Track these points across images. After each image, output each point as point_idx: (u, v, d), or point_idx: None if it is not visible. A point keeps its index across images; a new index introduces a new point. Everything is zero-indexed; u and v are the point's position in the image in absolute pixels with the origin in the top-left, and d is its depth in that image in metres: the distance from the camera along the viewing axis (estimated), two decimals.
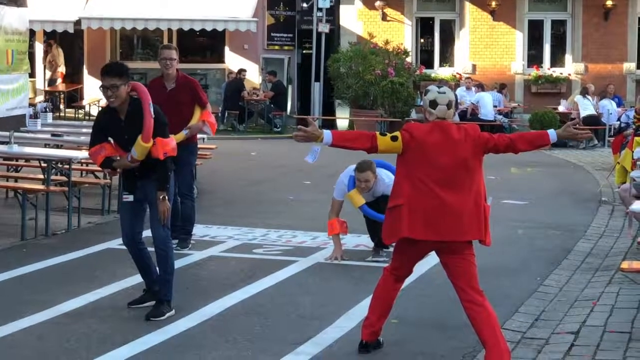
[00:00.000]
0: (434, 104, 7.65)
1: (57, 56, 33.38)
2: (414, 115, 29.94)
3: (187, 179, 12.47)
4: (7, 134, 15.53)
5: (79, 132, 18.43)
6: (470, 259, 7.63)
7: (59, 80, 33.47)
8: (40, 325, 8.83)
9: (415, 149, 7.54)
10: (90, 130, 10.48)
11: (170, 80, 11.98)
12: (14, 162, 15.96)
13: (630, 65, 31.38)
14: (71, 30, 31.93)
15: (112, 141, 9.14)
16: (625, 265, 10.00)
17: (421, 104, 25.90)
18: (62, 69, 33.58)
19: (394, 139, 7.60)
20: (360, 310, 9.26)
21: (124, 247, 11.62)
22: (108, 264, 11.42)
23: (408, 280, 8.27)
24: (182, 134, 11.67)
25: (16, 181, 14.88)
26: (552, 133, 8.14)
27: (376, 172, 11.26)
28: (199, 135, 13.42)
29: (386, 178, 11.22)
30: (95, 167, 14.87)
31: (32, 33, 27.49)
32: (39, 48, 32.78)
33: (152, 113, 8.82)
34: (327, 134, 7.80)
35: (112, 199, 15.09)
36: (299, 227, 13.72)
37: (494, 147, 7.75)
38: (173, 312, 9.09)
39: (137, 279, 10.55)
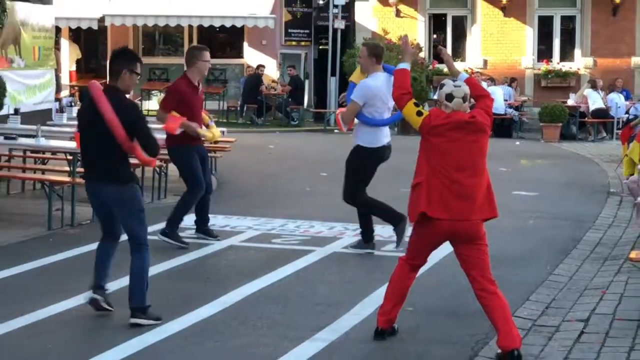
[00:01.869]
0: (450, 97, 7.74)
1: (59, 57, 33.41)
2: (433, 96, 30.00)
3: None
4: (34, 127, 15.57)
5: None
6: (483, 249, 7.71)
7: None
8: (66, 313, 8.87)
9: (435, 135, 7.70)
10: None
11: (200, 82, 12.34)
12: (40, 155, 16.01)
13: (638, 60, 31.28)
14: (95, 27, 32.01)
15: None
16: (633, 254, 9.99)
17: (434, 97, 26.01)
18: (72, 67, 33.62)
19: (419, 114, 7.86)
20: (376, 298, 9.27)
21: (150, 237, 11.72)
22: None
23: (422, 270, 8.26)
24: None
25: (43, 173, 14.93)
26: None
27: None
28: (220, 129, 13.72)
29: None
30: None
31: (57, 30, 27.52)
32: (65, 44, 32.79)
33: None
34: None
35: (152, 189, 15.21)
36: (316, 217, 13.73)
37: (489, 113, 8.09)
38: None
39: (160, 267, 10.63)
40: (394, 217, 11.25)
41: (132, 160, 8.99)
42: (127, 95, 8.96)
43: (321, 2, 32.65)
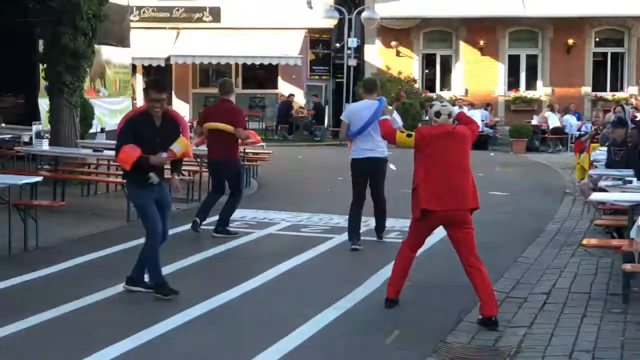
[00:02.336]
0: (438, 114, 7.93)
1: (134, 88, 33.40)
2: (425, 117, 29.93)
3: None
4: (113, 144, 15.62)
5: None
6: (470, 232, 7.77)
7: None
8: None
9: (426, 146, 7.81)
10: None
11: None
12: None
13: (587, 89, 31.22)
14: (163, 65, 32.10)
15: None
16: (585, 242, 9.93)
17: (426, 118, 25.90)
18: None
19: (409, 136, 8.06)
20: (383, 274, 9.26)
21: (203, 227, 11.76)
22: (191, 239, 11.47)
23: (420, 252, 8.26)
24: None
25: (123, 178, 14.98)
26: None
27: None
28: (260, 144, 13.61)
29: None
30: (183, 167, 14.95)
31: (134, 67, 27.62)
32: (139, 78, 32.92)
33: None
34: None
35: (193, 191, 15.15)
36: (335, 212, 13.66)
37: (474, 133, 8.25)
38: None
39: (215, 250, 10.66)
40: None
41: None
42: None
43: (338, 45, 32.60)
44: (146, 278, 8.48)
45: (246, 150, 17.66)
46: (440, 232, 8.36)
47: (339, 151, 27.47)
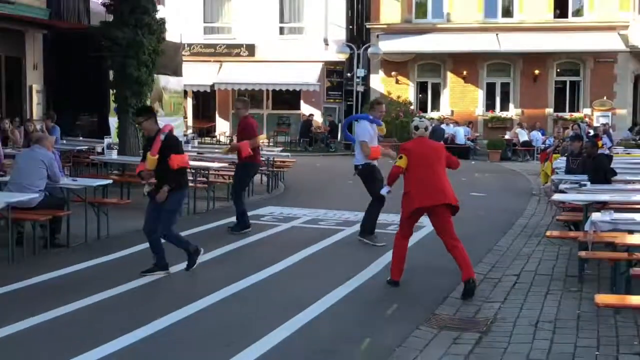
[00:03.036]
0: (417, 127, 8.20)
1: (186, 109, 33.62)
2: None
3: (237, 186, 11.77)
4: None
5: (212, 152, 18.53)
6: (449, 220, 7.96)
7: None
8: (197, 268, 8.92)
9: (411, 156, 7.93)
10: (217, 153, 10.76)
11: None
12: None
13: (549, 110, 31.05)
14: (208, 91, 32.20)
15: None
16: (548, 233, 9.92)
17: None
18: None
19: (401, 157, 8.03)
20: (385, 259, 9.26)
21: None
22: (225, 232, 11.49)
23: (412, 242, 8.27)
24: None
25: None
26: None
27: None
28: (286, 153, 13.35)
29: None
30: (224, 172, 15.02)
31: (185, 92, 27.72)
32: (190, 101, 33.01)
33: (162, 138, 8.45)
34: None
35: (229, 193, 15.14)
36: (346, 208, 13.67)
37: (447, 158, 8.21)
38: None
39: (249, 239, 10.62)
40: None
41: None
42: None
43: (349, 74, 32.53)
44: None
45: (274, 160, 17.74)
46: (429, 227, 8.33)
47: (350, 160, 27.51)
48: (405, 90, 31.66)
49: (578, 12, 30.82)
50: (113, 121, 18.25)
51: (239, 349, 5.97)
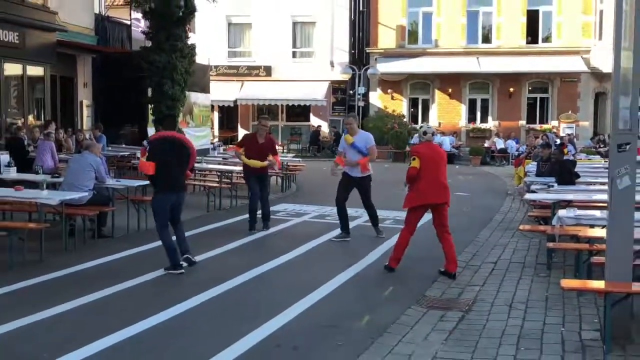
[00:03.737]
0: (425, 133, 8.16)
1: (212, 121, 33.56)
2: (415, 139, 29.85)
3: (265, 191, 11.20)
4: (199, 158, 15.75)
5: (235, 159, 18.51)
6: (445, 214, 7.98)
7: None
8: (213, 258, 8.92)
9: (422, 158, 7.86)
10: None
11: (261, 137, 10.92)
12: (205, 172, 16.06)
13: (522, 122, 31.00)
14: (232, 105, 32.23)
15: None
16: (521, 227, 9.90)
17: (412, 142, 25.64)
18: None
19: (414, 159, 7.92)
20: (382, 249, 9.27)
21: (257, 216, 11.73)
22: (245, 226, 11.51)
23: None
24: (264, 163, 10.73)
25: (204, 182, 15.05)
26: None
27: (357, 123, 10.48)
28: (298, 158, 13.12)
29: (364, 134, 10.36)
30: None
31: (212, 107, 27.76)
32: (216, 114, 33.02)
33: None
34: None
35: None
36: (348, 206, 13.67)
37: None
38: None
39: (267, 232, 10.58)
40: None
41: None
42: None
43: (351, 92, 32.49)
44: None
45: (288, 164, 17.76)
46: (421, 222, 8.29)
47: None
48: (400, 105, 31.63)
49: (547, 39, 30.78)
50: (151, 131, 18.30)
51: (262, 322, 6.00)
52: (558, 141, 20.80)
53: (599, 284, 5.66)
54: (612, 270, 5.50)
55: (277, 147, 11.36)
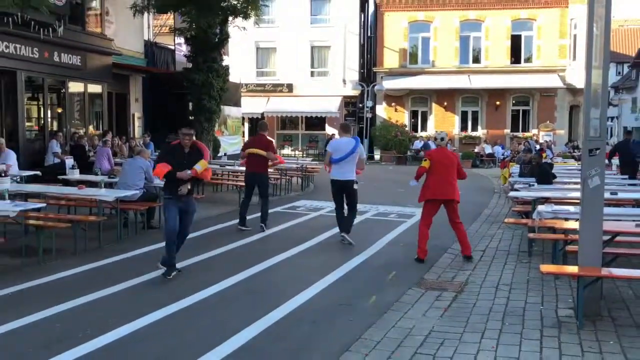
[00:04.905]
0: (442, 139, 8.30)
1: (243, 131, 33.63)
2: (417, 144, 29.70)
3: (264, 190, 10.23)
4: (232, 162, 15.80)
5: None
6: (455, 208, 7.96)
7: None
8: (244, 245, 8.91)
9: (433, 160, 7.85)
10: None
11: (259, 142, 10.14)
12: (237, 173, 15.90)
13: (507, 131, 30.76)
14: (259, 117, 32.08)
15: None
16: (506, 220, 9.86)
17: (413, 148, 25.45)
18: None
19: (426, 160, 7.92)
20: (387, 238, 9.19)
21: (287, 210, 11.71)
22: (277, 219, 11.43)
23: (408, 226, 8.18)
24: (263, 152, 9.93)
25: (236, 182, 15.02)
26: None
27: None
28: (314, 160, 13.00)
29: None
30: (274, 175, 15.00)
31: (243, 118, 27.82)
32: (246, 125, 33.05)
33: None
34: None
35: (280, 188, 15.17)
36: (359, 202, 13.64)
37: (458, 166, 8.04)
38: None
39: (286, 224, 10.52)
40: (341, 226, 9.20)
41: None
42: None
43: (360, 105, 32.44)
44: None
45: (306, 166, 17.73)
46: (418, 216, 8.24)
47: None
48: (402, 116, 31.51)
49: (528, 59, 30.52)
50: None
51: (286, 299, 6.03)
52: (538, 147, 20.64)
53: (573, 269, 5.62)
54: (584, 257, 5.46)
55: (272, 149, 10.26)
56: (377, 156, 31.27)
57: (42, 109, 15.96)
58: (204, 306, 5.88)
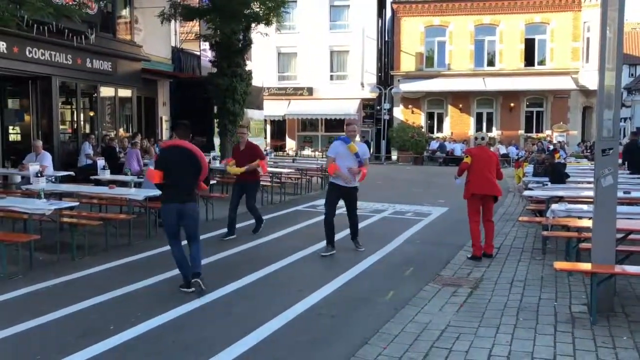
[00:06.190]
0: (483, 138, 8.14)
1: (265, 132, 33.72)
2: (433, 145, 29.53)
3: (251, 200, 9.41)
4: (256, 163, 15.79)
5: (283, 162, 18.57)
6: (491, 206, 7.82)
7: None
8: (267, 242, 8.93)
9: (474, 157, 7.75)
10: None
11: (243, 144, 9.29)
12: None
13: (521, 132, 30.48)
14: (281, 119, 32.37)
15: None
16: (520, 218, 9.74)
17: (429, 149, 25.33)
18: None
19: (467, 157, 7.83)
20: (404, 235, 9.13)
21: (307, 209, 11.70)
22: (297, 217, 11.49)
23: (426, 223, 8.10)
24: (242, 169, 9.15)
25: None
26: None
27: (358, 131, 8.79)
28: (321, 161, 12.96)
29: (361, 144, 8.27)
30: (295, 175, 15.00)
31: (265, 121, 27.90)
32: (268, 127, 33.12)
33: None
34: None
35: (301, 188, 15.16)
36: (376, 200, 13.56)
37: (497, 165, 7.86)
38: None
39: (300, 225, 10.53)
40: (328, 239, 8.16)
41: None
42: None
43: (378, 107, 32.36)
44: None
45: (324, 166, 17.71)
46: (435, 214, 8.20)
47: (377, 167, 27.37)
48: (418, 118, 31.37)
49: (542, 62, 30.19)
50: (217, 141, 18.56)
51: (307, 294, 6.05)
52: (551, 147, 20.40)
53: (586, 266, 5.55)
54: (597, 255, 5.39)
55: (262, 152, 9.55)
56: (394, 157, 31.18)
57: (75, 112, 16.23)
58: (234, 297, 5.94)
